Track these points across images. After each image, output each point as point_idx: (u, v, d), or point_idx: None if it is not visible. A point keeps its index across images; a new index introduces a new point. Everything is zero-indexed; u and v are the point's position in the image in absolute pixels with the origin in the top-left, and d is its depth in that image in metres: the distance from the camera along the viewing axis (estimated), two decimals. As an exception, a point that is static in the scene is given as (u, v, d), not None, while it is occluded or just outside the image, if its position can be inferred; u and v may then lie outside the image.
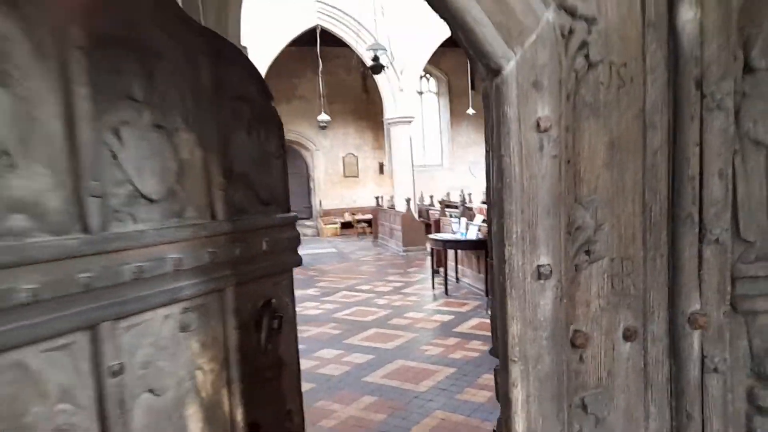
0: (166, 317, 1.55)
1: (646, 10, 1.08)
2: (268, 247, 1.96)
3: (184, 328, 1.61)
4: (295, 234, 2.18)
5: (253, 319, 1.92)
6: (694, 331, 1.14)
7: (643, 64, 1.10)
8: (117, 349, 1.39)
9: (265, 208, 2.01)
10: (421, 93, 17.11)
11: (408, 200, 12.64)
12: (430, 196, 15.30)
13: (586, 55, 1.08)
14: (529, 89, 1.08)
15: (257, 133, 1.98)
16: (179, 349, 1.59)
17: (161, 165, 1.55)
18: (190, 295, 1.62)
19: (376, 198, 15.49)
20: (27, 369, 1.19)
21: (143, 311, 1.47)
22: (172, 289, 1.56)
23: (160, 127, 1.55)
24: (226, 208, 1.78)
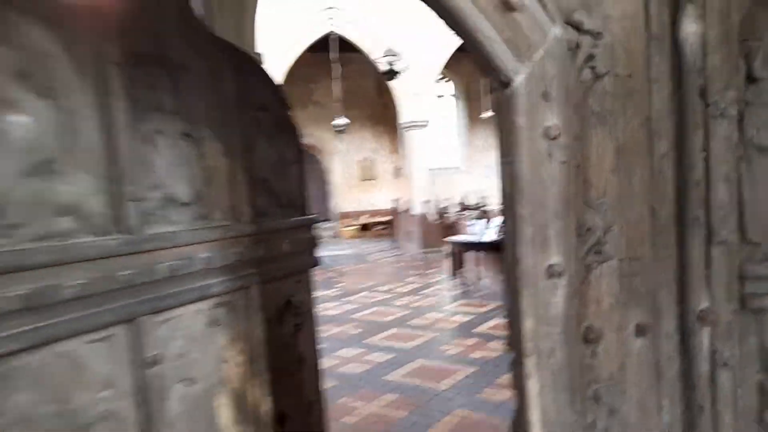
0: (197, 312, 1.63)
1: (649, 24, 1.13)
2: (289, 248, 2.05)
3: (213, 322, 1.69)
4: (314, 235, 2.26)
5: (276, 315, 2.01)
6: (704, 328, 1.17)
7: (648, 75, 1.14)
8: (154, 341, 1.48)
9: (285, 211, 2.08)
10: (440, 96, 17.08)
11: (426, 202, 12.64)
12: (448, 199, 15.29)
13: (593, 67, 1.13)
14: (538, 100, 1.13)
15: (276, 140, 2.06)
16: (209, 343, 1.68)
17: (190, 171, 1.64)
18: (218, 291, 1.70)
19: (394, 201, 15.54)
20: (73, 359, 1.29)
21: (176, 306, 1.56)
22: (202, 286, 1.65)
23: (189, 136, 1.64)
24: (249, 211, 1.87)
